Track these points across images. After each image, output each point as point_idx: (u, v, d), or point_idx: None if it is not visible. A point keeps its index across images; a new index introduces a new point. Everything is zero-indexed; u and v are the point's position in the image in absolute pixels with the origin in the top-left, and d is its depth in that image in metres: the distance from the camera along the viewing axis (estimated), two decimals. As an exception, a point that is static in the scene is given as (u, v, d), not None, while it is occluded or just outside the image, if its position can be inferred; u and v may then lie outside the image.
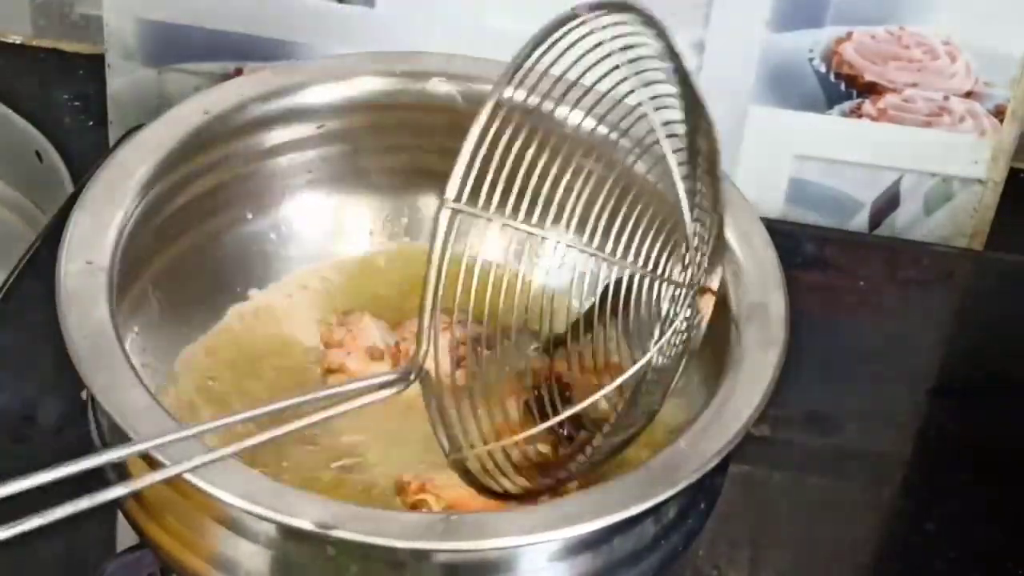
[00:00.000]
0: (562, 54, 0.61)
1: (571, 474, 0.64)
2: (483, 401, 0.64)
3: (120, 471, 0.64)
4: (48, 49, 1.01)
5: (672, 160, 0.64)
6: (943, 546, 0.75)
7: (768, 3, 0.86)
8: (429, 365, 0.62)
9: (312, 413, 0.60)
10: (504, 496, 0.63)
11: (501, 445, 0.63)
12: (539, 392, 0.67)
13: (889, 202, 0.92)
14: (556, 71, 0.62)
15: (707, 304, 0.65)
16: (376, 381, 0.62)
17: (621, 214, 0.67)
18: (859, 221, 0.93)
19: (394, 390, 0.62)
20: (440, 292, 0.61)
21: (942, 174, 0.91)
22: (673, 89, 0.62)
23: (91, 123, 0.96)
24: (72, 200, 0.69)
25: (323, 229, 0.79)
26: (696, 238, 0.64)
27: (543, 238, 0.65)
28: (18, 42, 1.01)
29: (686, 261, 0.65)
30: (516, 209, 0.64)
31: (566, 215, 0.66)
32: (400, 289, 0.78)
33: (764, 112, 0.90)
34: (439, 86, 0.76)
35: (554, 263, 0.70)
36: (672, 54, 0.61)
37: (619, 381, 0.63)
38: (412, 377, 0.62)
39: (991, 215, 0.92)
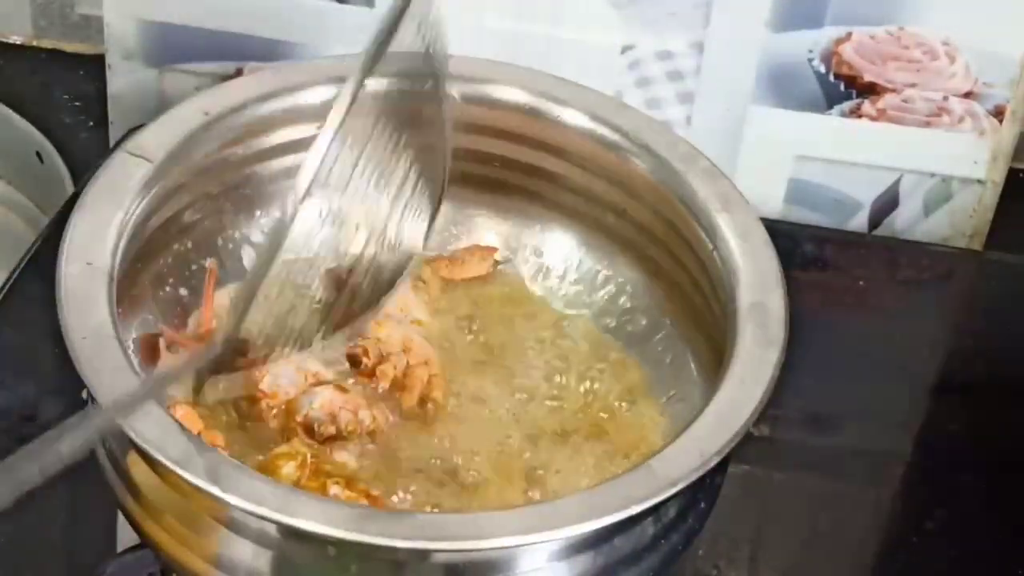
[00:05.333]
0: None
1: None
2: None
3: (117, 468, 0.64)
4: (49, 49, 1.01)
5: None
6: (943, 546, 0.75)
7: (768, 3, 0.86)
8: None
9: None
10: None
11: None
12: None
13: (889, 202, 0.92)
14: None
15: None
16: None
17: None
18: (859, 221, 0.93)
19: None
20: None
21: (941, 174, 0.91)
22: None
23: (91, 123, 0.96)
24: (72, 200, 0.69)
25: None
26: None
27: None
28: (19, 42, 1.01)
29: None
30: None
31: None
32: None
33: (764, 112, 0.90)
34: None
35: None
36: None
37: None
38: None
39: (990, 215, 0.92)
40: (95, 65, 0.96)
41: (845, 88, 0.89)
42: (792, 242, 0.89)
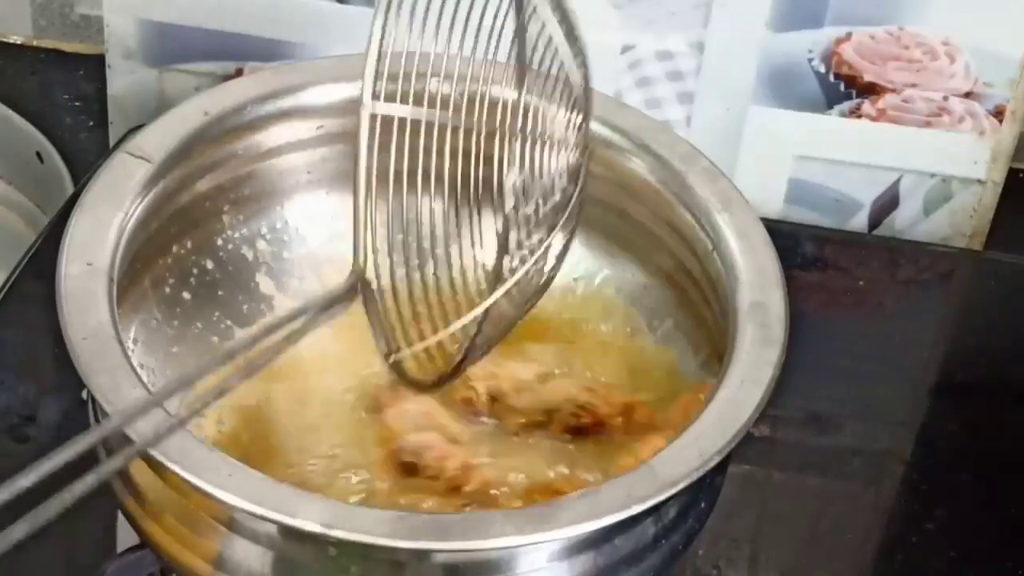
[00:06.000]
0: None
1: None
2: (421, 302, 0.64)
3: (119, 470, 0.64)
4: (48, 49, 1.01)
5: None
6: (943, 546, 0.75)
7: (768, 3, 0.86)
8: (370, 275, 0.63)
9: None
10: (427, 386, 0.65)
11: (437, 340, 0.63)
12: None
13: (889, 202, 0.92)
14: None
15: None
16: (321, 299, 0.63)
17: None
18: (859, 221, 0.93)
19: (342, 305, 0.63)
20: (373, 198, 0.63)
21: (942, 174, 0.91)
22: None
23: (91, 123, 0.96)
24: (72, 201, 0.69)
25: (323, 230, 0.79)
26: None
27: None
28: (18, 42, 1.01)
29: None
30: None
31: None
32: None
33: (764, 112, 0.90)
34: (439, 86, 0.76)
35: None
36: None
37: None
38: (355, 290, 0.63)
39: (990, 215, 0.92)
40: (95, 65, 0.96)
41: (845, 88, 0.89)
42: (792, 242, 0.89)
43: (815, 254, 0.91)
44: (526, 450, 0.70)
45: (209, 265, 0.76)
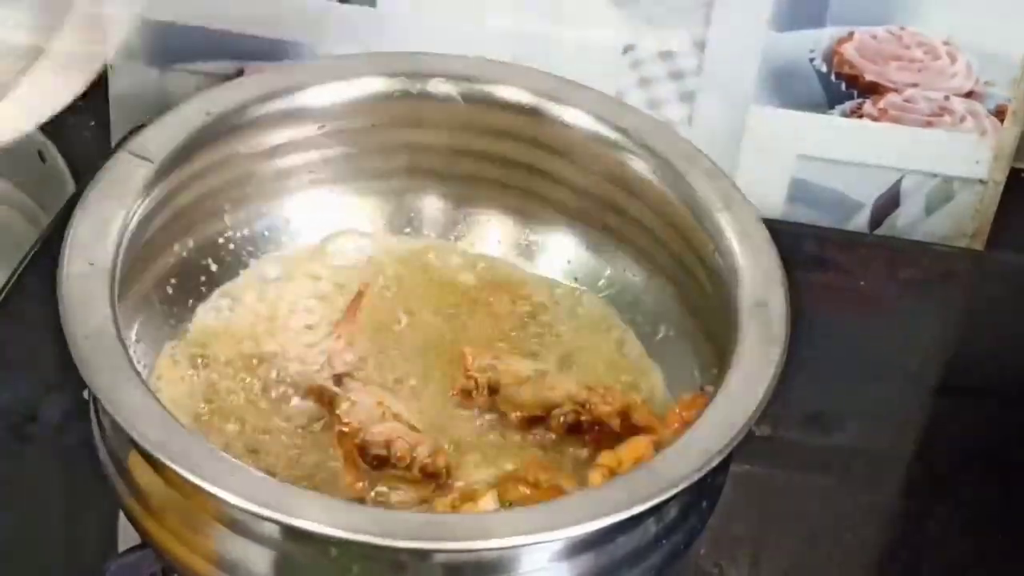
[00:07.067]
0: None
1: None
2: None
3: (119, 467, 0.64)
4: (49, 49, 1.01)
5: None
6: (943, 546, 0.75)
7: (769, 3, 0.86)
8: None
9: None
10: None
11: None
12: None
13: (890, 202, 0.92)
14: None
15: None
16: None
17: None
18: (860, 221, 0.93)
19: None
20: None
21: (943, 174, 0.91)
22: None
23: (93, 123, 0.96)
24: (74, 200, 0.69)
25: (324, 230, 0.79)
26: None
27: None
28: (19, 42, 1.01)
29: None
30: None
31: None
32: (401, 289, 0.78)
33: (765, 112, 0.90)
34: (439, 86, 0.76)
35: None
36: None
37: None
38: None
39: (992, 215, 0.92)
40: (96, 65, 0.96)
41: (847, 88, 0.89)
42: (793, 242, 0.88)
43: (816, 254, 0.91)
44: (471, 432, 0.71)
45: (211, 266, 0.76)
